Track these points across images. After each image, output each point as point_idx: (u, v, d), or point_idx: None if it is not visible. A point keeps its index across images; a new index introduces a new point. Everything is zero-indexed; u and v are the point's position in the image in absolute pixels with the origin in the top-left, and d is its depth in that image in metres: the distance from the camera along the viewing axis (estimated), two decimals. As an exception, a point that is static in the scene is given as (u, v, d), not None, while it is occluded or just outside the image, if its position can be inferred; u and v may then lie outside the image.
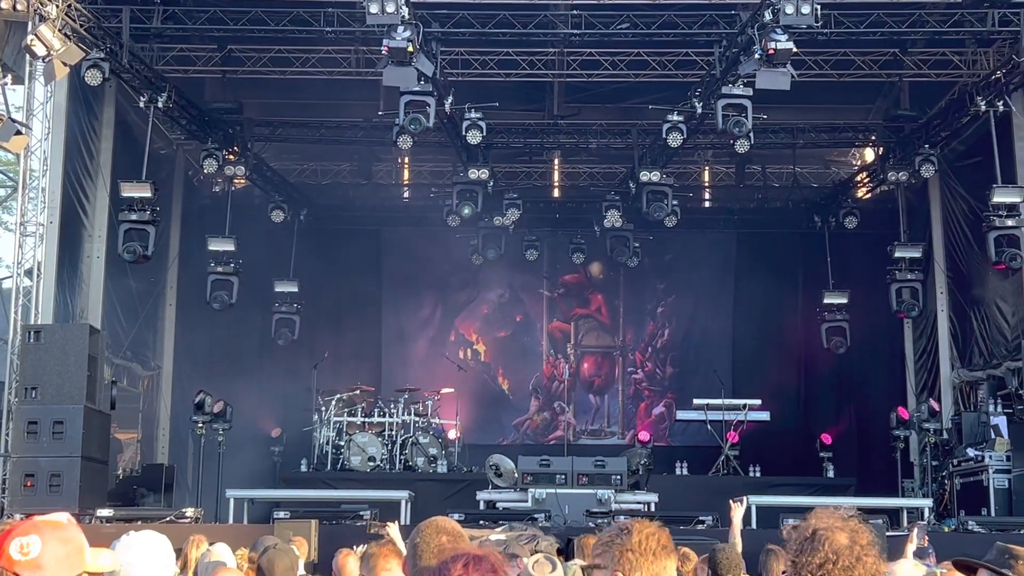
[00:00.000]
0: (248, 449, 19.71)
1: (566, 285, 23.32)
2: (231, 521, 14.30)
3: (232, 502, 14.64)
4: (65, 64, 13.78)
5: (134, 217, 16.34)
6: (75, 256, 16.56)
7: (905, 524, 13.78)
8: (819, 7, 13.29)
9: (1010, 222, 16.03)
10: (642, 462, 16.88)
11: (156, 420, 19.60)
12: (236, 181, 20.17)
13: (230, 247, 19.32)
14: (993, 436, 15.87)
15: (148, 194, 16.36)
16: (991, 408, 16.77)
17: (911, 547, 8.24)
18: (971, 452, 16.20)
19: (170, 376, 19.99)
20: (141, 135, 16.80)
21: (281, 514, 12.94)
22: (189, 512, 13.68)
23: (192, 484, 18.66)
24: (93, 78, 14.86)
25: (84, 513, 13.12)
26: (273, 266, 21.19)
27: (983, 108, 16.26)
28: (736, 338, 22.81)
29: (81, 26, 14.46)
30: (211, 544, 7.74)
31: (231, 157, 18.90)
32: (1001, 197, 16.07)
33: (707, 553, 7.15)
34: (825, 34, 15.27)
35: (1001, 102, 16.15)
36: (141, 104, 16.38)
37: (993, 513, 15.06)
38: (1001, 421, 16.28)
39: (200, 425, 17.21)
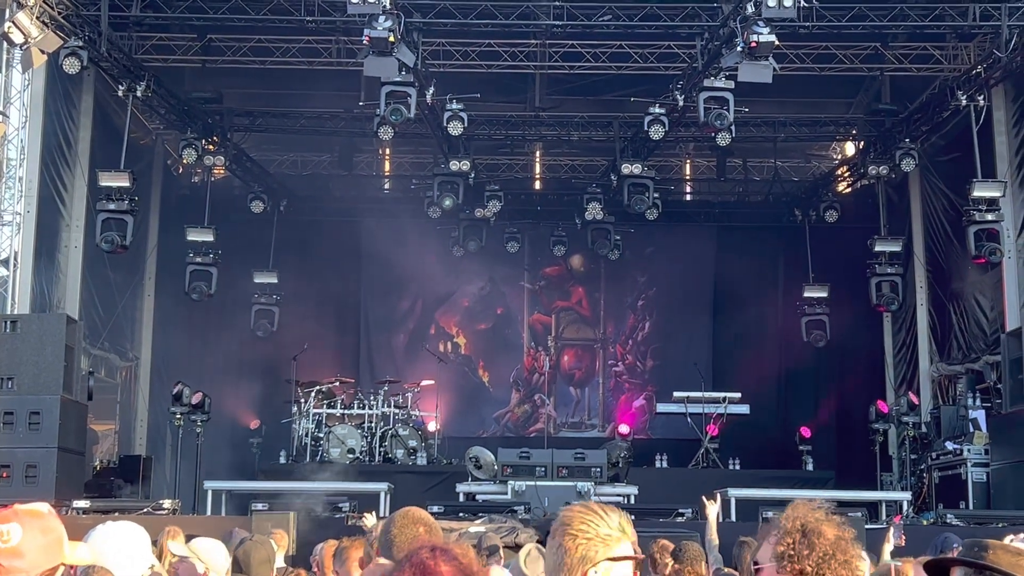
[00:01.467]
0: (226, 441, 19.65)
1: (547, 277, 23.31)
2: (209, 513, 14.25)
3: (210, 494, 14.58)
4: (43, 52, 13.67)
5: (112, 207, 16.24)
6: (52, 246, 16.45)
7: (884, 517, 13.84)
8: (801, 0, 13.31)
9: (990, 216, 16.11)
10: (622, 455, 16.89)
11: (134, 411, 19.52)
12: (215, 171, 20.08)
13: (209, 237, 19.24)
14: (971, 430, 15.96)
15: (126, 184, 16.26)
16: (969, 402, 16.87)
17: (888, 547, 8.23)
18: (949, 446, 16.27)
19: (148, 367, 19.90)
20: (120, 124, 16.69)
21: (259, 506, 12.88)
22: (166, 504, 13.61)
23: (170, 476, 18.56)
24: (71, 66, 14.74)
25: (60, 504, 13.02)
26: (252, 257, 21.11)
27: (963, 103, 16.31)
28: (716, 331, 22.85)
29: (59, 14, 14.34)
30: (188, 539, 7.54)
31: (210, 147, 18.80)
32: (981, 192, 16.13)
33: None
34: (807, 27, 15.29)
35: (982, 97, 16.21)
36: (120, 93, 16.26)
37: (971, 507, 15.14)
38: (979, 415, 16.37)
39: (178, 416, 17.14)
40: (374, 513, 9.19)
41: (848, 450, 20.84)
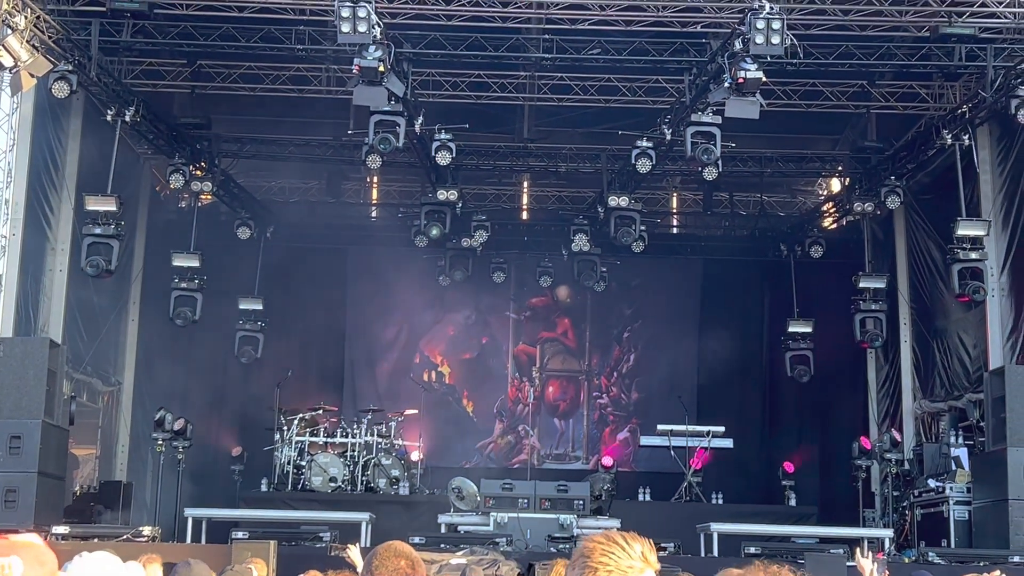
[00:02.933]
0: (208, 468, 19.56)
1: (532, 308, 23.32)
2: (189, 540, 14.16)
3: (190, 521, 14.50)
4: (32, 76, 13.69)
5: (98, 231, 16.22)
6: (38, 269, 16.40)
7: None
8: (789, 38, 13.43)
9: (973, 255, 16.22)
10: (605, 487, 16.89)
11: (115, 436, 19.41)
12: (202, 197, 20.06)
13: (195, 263, 19.21)
14: (954, 468, 15.98)
15: (113, 208, 16.25)
16: (952, 440, 16.88)
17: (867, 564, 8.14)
18: (932, 483, 16.30)
19: (131, 392, 19.81)
20: (108, 148, 16.69)
21: (240, 534, 12.83)
22: (146, 530, 13.55)
23: (150, 502, 18.50)
24: (60, 91, 14.76)
25: (40, 530, 12.93)
26: (238, 283, 21.05)
27: (949, 141, 16.45)
28: (701, 365, 22.88)
29: (49, 38, 14.37)
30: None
31: (198, 173, 18.81)
32: (965, 230, 16.25)
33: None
34: (794, 64, 15.43)
35: (967, 136, 16.34)
36: (108, 118, 16.26)
37: (953, 545, 15.15)
38: (962, 453, 16.40)
39: (160, 442, 17.06)
40: (357, 545, 9.15)
41: (831, 486, 20.87)
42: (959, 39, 15.31)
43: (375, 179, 23.11)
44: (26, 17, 13.59)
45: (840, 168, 20.66)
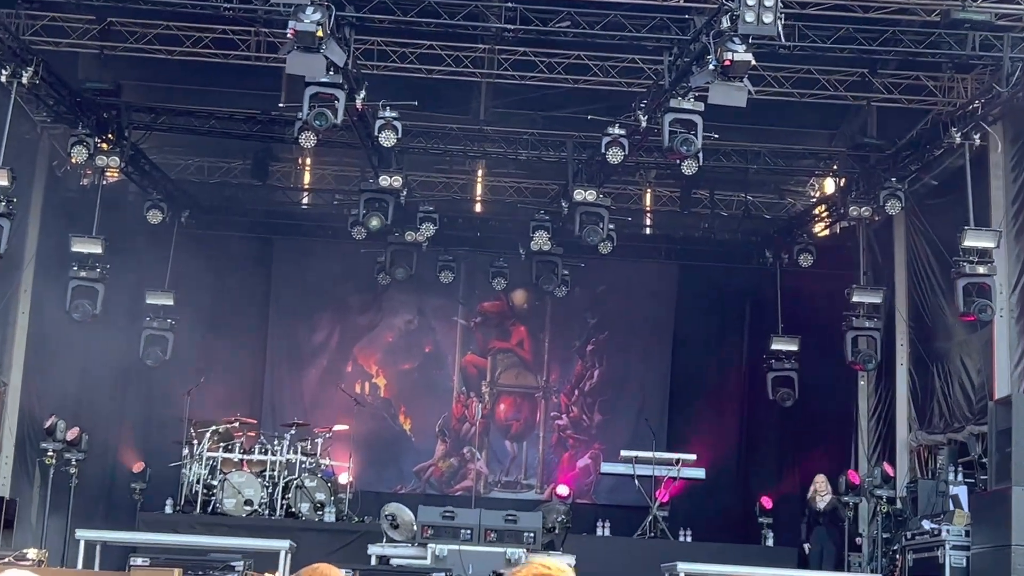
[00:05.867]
0: (104, 484, 19.43)
1: (484, 314, 23.37)
2: (80, 567, 14.09)
3: (83, 545, 14.43)
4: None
5: (-15, 209, 16.07)
6: (-87, 251, 16.21)
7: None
8: (783, 17, 13.54)
9: (981, 269, 16.33)
10: (560, 519, 16.94)
11: (-2, 445, 19.25)
12: (108, 174, 19.94)
13: (97, 249, 19.07)
14: (952, 508, 16.16)
15: (4, 183, 16.08)
16: (951, 476, 17.07)
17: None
18: (927, 524, 16.48)
19: (18, 394, 19.62)
20: (0, 114, 16.54)
21: (139, 560, 12.78)
22: (31, 554, 13.47)
23: (36, 521, 18.33)
24: (-53, 45, 14.62)
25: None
26: (146, 275, 20.96)
27: (958, 141, 16.63)
28: (673, 384, 23.02)
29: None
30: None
31: (104, 146, 18.65)
32: (972, 241, 16.39)
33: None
34: (787, 48, 15.56)
35: (978, 135, 16.52)
36: (3, 78, 16.12)
37: (948, 594, 15.35)
38: (961, 491, 16.58)
39: (50, 453, 16.98)
40: None
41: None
42: (973, 25, 15.50)
43: (308, 160, 23.07)
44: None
45: (835, 167, 20.89)
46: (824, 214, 21.67)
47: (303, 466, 18.61)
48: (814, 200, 22.68)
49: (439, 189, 22.84)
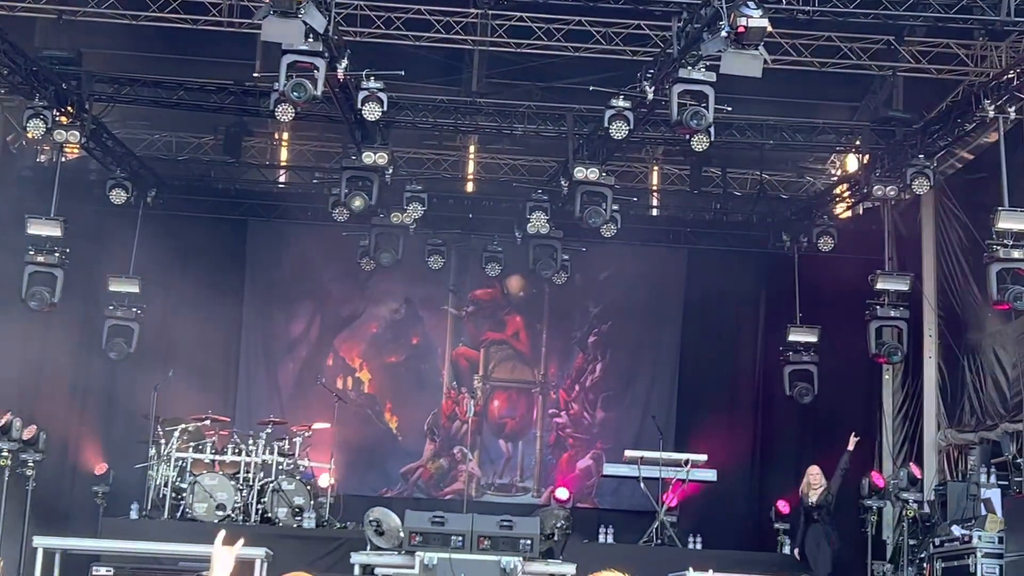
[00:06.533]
0: (64, 487, 19.40)
1: (477, 302, 23.36)
2: (38, 576, 14.09)
3: (40, 552, 14.43)
4: None
5: (-66, 187, 16.07)
6: None
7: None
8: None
9: (1016, 254, 16.29)
10: (559, 525, 16.98)
11: (-52, 446, 19.23)
12: (68, 150, 19.91)
13: (56, 232, 19.03)
14: (984, 512, 16.20)
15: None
16: (983, 478, 17.12)
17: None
18: (956, 530, 16.52)
19: (-31, 390, 19.63)
20: (-51, 84, 16.53)
21: (102, 570, 12.79)
22: (-16, 563, 13.44)
23: (-10, 528, 18.32)
24: None
25: None
26: (109, 259, 20.95)
27: (991, 114, 16.58)
28: (682, 379, 23.02)
29: None
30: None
31: (63, 119, 18.60)
32: (1007, 223, 16.35)
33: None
34: (807, 13, 15.51)
35: (1013, 108, 16.49)
36: (-48, 45, 16.10)
37: (980, 606, 15.40)
38: (994, 494, 16.61)
39: (5, 454, 16.97)
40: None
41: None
42: (1008, -12, 15.49)
43: (285, 135, 23.04)
44: None
45: (858, 143, 20.85)
46: (846, 194, 21.68)
47: (280, 468, 18.61)
48: (835, 179, 22.67)
49: (428, 167, 22.81)
